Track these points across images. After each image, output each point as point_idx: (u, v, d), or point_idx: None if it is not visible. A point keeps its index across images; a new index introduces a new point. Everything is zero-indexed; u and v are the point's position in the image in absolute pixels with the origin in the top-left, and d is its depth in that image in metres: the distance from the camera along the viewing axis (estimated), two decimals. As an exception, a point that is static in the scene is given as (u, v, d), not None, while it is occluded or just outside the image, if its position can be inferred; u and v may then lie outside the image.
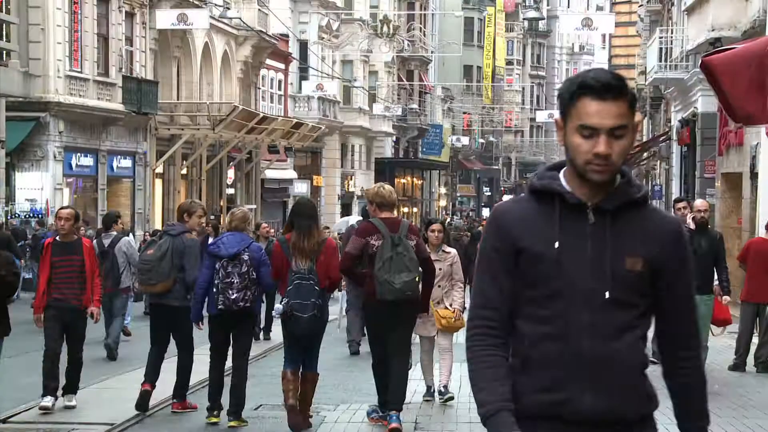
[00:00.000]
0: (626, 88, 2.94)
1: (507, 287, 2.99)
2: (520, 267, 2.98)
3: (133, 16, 33.51)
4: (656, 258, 2.98)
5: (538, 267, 2.95)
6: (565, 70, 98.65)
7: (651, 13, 43.36)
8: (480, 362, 2.98)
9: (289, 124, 40.72)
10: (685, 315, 3.06)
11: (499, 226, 3.03)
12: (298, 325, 8.97)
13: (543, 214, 2.99)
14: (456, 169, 76.82)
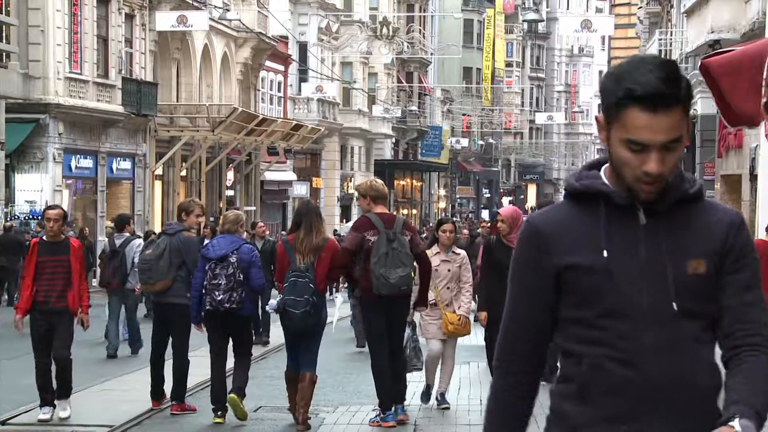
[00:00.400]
0: (681, 92, 2.52)
1: (547, 314, 2.62)
2: (566, 286, 2.59)
3: (132, 17, 33.52)
4: (719, 255, 2.60)
5: (587, 283, 2.56)
6: (564, 72, 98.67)
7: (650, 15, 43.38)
8: (503, 402, 2.69)
9: (289, 125, 40.74)
10: (753, 307, 2.60)
11: (536, 241, 2.64)
12: (291, 321, 9.19)
13: (586, 220, 2.61)
14: (455, 170, 76.82)
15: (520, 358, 2.66)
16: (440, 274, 10.40)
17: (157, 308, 10.63)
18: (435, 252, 10.50)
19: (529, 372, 2.67)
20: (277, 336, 14.14)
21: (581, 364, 2.55)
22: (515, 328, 2.66)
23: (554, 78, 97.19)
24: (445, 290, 10.46)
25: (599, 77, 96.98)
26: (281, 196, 46.69)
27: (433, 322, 10.42)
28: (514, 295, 2.68)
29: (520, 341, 2.66)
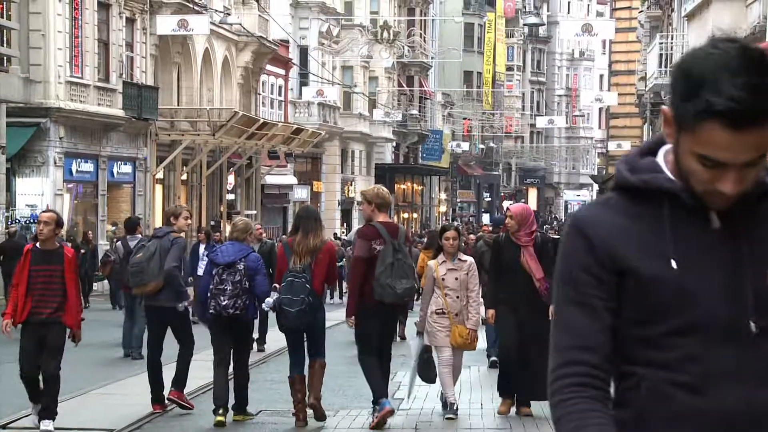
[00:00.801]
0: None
1: (607, 320, 2.19)
2: (625, 296, 2.19)
3: (133, 21, 33.55)
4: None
5: (653, 296, 2.16)
6: (565, 75, 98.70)
7: (651, 19, 43.41)
8: (581, 423, 2.15)
9: (290, 129, 40.74)
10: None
11: (589, 239, 2.20)
12: (286, 319, 9.51)
13: (646, 222, 2.20)
14: (456, 174, 76.82)
15: (586, 368, 2.20)
16: (447, 284, 10.25)
17: (150, 312, 10.74)
18: (441, 261, 10.37)
19: (602, 386, 2.21)
20: (274, 341, 14.15)
21: (639, 388, 2.18)
22: (570, 335, 2.21)
23: (555, 82, 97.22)
24: (454, 300, 10.25)
25: (600, 81, 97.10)
26: (282, 200, 46.69)
27: (443, 329, 10.25)
28: (565, 295, 2.23)
29: (579, 350, 2.20)
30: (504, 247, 10.36)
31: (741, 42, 2.10)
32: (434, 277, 10.31)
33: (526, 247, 10.12)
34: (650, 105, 44.38)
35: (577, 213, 2.30)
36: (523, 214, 10.39)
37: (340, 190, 52.74)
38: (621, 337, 2.21)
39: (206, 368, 10.28)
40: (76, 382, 12.71)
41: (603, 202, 2.27)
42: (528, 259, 10.04)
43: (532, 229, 10.28)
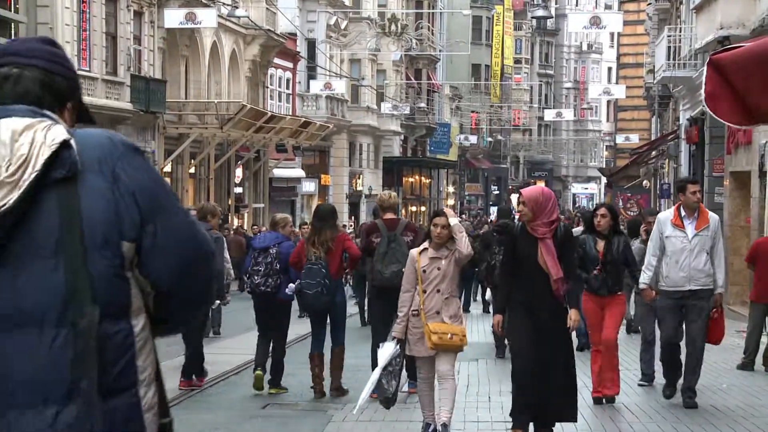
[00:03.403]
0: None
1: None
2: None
3: (141, 15, 33.56)
4: None
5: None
6: (573, 68, 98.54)
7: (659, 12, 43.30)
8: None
9: (297, 122, 40.74)
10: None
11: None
12: (306, 300, 10.95)
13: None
14: (464, 167, 76.77)
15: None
16: (428, 276, 8.69)
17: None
18: (423, 249, 8.83)
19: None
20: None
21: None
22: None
23: (563, 75, 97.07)
24: (435, 294, 8.67)
25: (608, 74, 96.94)
26: (290, 193, 46.70)
27: (421, 337, 8.71)
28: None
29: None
30: (519, 240, 8.47)
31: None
32: (415, 269, 8.76)
33: (542, 240, 8.28)
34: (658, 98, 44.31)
35: None
36: (538, 200, 8.35)
37: (347, 184, 52.73)
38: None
39: (221, 362, 10.33)
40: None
41: None
42: (544, 254, 8.25)
43: (552, 217, 8.36)
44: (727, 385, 11.77)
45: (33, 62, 2.55)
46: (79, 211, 2.29)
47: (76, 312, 2.23)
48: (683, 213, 10.25)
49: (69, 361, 2.19)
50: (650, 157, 47.62)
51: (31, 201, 2.27)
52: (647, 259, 10.41)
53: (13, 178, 2.24)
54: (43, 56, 2.61)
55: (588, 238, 10.69)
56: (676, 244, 10.14)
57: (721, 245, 10.39)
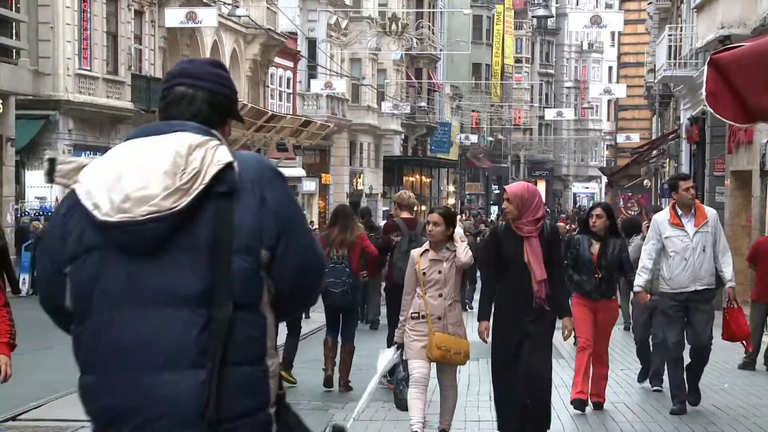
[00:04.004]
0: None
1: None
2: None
3: (142, 14, 33.57)
4: None
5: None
6: (574, 68, 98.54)
7: (660, 11, 43.30)
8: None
9: (298, 122, 40.76)
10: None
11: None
12: (332, 299, 11.12)
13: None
14: (464, 167, 76.79)
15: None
16: (429, 278, 8.30)
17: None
18: (423, 250, 8.47)
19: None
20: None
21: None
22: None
23: (564, 74, 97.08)
24: (437, 299, 8.25)
25: (608, 73, 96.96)
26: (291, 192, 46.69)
27: (419, 339, 8.29)
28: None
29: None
30: (504, 239, 8.10)
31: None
32: (416, 271, 8.38)
33: (528, 239, 7.90)
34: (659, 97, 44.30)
35: None
36: (523, 196, 8.04)
37: (348, 183, 52.74)
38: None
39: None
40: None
41: None
42: (529, 254, 7.87)
43: (538, 215, 7.99)
44: (729, 385, 11.77)
45: (204, 84, 2.99)
46: (231, 222, 2.79)
47: (216, 300, 2.75)
48: (680, 211, 9.84)
49: (204, 337, 2.74)
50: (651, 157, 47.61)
51: (197, 207, 2.76)
52: (642, 262, 9.93)
53: (185, 186, 2.74)
54: (213, 79, 3.02)
55: (582, 239, 10.24)
56: (677, 243, 9.71)
57: (724, 238, 9.99)
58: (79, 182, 2.92)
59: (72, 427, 9.54)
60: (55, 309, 2.99)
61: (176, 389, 2.75)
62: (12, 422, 9.77)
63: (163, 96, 3.03)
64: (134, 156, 2.82)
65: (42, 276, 3.02)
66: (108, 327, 2.82)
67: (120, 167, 2.82)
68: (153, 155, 2.80)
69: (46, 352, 15.32)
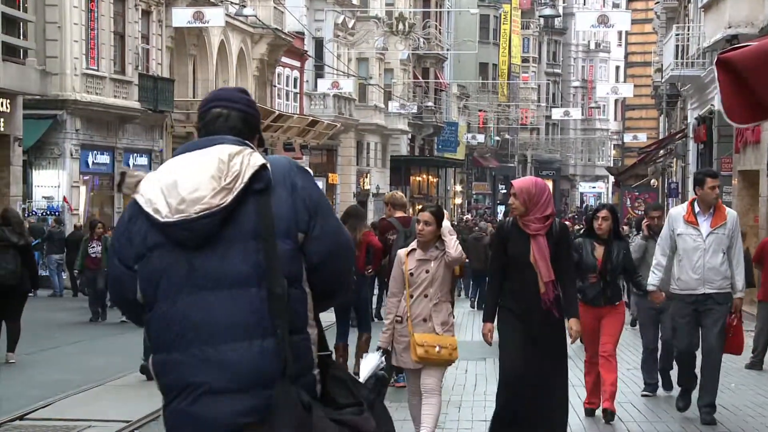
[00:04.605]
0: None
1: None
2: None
3: (149, 14, 33.61)
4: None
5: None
6: (581, 67, 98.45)
7: (667, 10, 43.25)
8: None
9: (305, 121, 40.77)
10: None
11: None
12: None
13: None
14: (471, 166, 76.75)
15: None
16: (416, 280, 7.83)
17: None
18: (410, 250, 7.99)
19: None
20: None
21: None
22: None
23: (570, 73, 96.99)
24: (422, 300, 7.79)
25: (616, 73, 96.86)
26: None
27: (407, 345, 7.83)
28: None
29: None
30: (510, 237, 7.64)
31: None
32: (402, 271, 7.90)
33: (534, 238, 7.47)
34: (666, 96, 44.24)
35: None
36: (530, 191, 7.58)
37: (355, 182, 52.75)
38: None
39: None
40: (92, 374, 12.78)
41: None
42: (536, 253, 7.45)
43: (547, 212, 7.54)
44: (736, 385, 11.75)
45: (236, 106, 3.55)
46: (270, 211, 3.30)
47: (273, 280, 3.25)
48: (698, 209, 9.19)
49: (267, 311, 3.24)
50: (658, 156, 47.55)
51: (239, 203, 3.27)
52: (656, 259, 9.39)
53: (229, 186, 3.26)
54: (242, 102, 3.59)
55: (585, 242, 9.60)
56: (688, 242, 9.13)
57: (740, 245, 9.36)
58: (139, 193, 3.41)
59: (79, 426, 9.55)
60: (128, 302, 3.45)
61: (240, 357, 3.23)
62: (19, 422, 9.78)
63: (201, 117, 3.58)
64: (185, 166, 3.37)
65: (115, 275, 3.45)
66: (173, 310, 3.30)
67: (174, 176, 3.35)
68: (201, 164, 3.34)
69: (53, 352, 15.35)
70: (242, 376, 3.25)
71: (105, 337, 17.22)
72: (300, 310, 3.33)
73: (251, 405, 3.24)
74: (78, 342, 16.76)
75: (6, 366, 13.39)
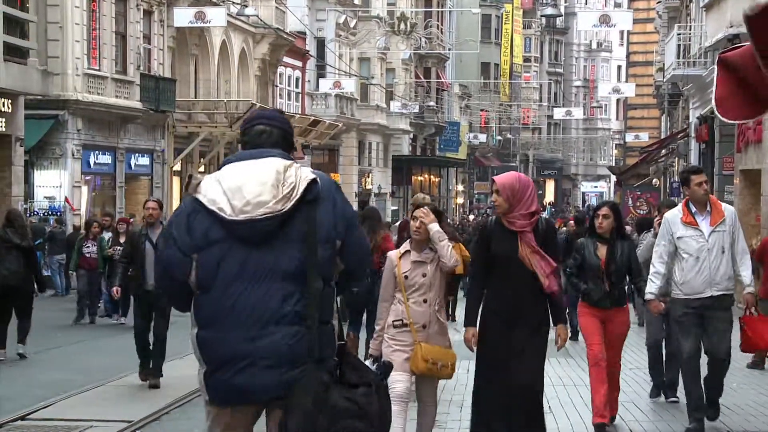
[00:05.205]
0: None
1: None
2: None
3: (151, 14, 33.60)
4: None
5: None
6: (582, 67, 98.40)
7: (669, 10, 43.24)
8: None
9: (307, 121, 40.76)
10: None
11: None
12: (353, 296, 11.34)
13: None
14: (473, 166, 76.73)
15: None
16: (411, 283, 7.35)
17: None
18: (404, 251, 7.47)
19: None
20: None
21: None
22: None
23: (572, 73, 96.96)
24: (421, 305, 7.32)
25: (617, 72, 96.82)
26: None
27: (401, 348, 7.33)
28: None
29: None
30: (494, 235, 7.20)
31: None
32: (395, 275, 7.41)
33: (522, 235, 7.06)
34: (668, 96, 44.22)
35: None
36: (514, 187, 7.11)
37: (357, 182, 52.74)
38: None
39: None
40: (94, 374, 12.78)
41: None
42: (526, 251, 7.03)
43: (532, 208, 7.11)
44: (737, 384, 11.73)
45: (277, 124, 4.30)
46: (315, 220, 4.00)
47: (311, 278, 3.96)
48: (693, 209, 8.77)
49: (299, 303, 3.96)
50: (660, 156, 47.53)
51: (294, 209, 3.97)
52: (654, 267, 8.83)
53: (288, 194, 3.97)
54: (281, 120, 4.35)
55: (587, 242, 9.18)
56: (691, 244, 8.67)
57: (742, 240, 8.91)
58: (200, 193, 4.06)
59: (80, 426, 9.55)
60: (178, 284, 4.09)
61: (276, 339, 3.94)
62: (21, 421, 9.78)
63: (245, 132, 4.29)
64: (246, 174, 4.03)
65: (171, 259, 4.07)
66: (225, 296, 3.97)
67: (238, 182, 4.01)
68: (260, 173, 4.02)
69: (55, 352, 15.36)
70: (279, 355, 3.94)
71: (106, 338, 17.22)
72: (329, 305, 4.06)
73: (283, 380, 3.93)
74: (79, 342, 16.77)
75: (7, 366, 13.40)
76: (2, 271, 13.58)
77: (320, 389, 3.90)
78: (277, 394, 3.93)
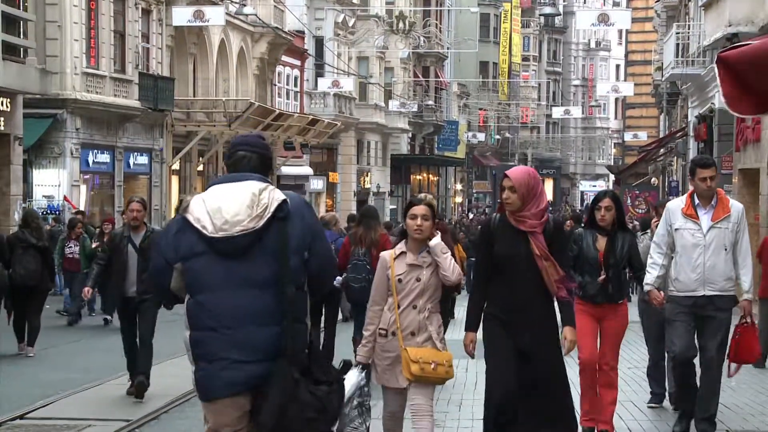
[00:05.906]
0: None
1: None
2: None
3: (149, 13, 33.59)
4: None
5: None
6: (581, 66, 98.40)
7: (668, 9, 43.24)
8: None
9: (305, 120, 40.75)
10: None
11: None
12: (353, 293, 11.95)
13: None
14: (472, 165, 76.73)
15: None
16: (404, 288, 6.78)
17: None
18: (399, 252, 6.88)
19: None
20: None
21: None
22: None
23: (571, 72, 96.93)
24: (411, 311, 6.75)
25: (616, 71, 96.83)
26: (298, 190, 46.42)
27: (389, 358, 6.81)
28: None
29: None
30: (499, 235, 6.79)
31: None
32: (388, 276, 6.83)
33: (533, 235, 6.66)
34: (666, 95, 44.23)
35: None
36: (529, 184, 6.68)
37: (355, 181, 52.73)
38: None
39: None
40: (93, 373, 12.77)
41: None
42: (537, 252, 6.64)
43: (542, 205, 6.73)
44: (736, 383, 11.72)
45: (257, 150, 4.89)
46: (286, 234, 4.65)
47: (284, 286, 4.59)
48: (697, 201, 8.23)
49: (275, 306, 4.59)
50: (659, 155, 47.54)
51: (267, 226, 4.62)
52: (652, 257, 8.39)
53: (260, 213, 4.62)
54: (261, 146, 4.92)
55: (586, 234, 8.61)
56: (686, 238, 8.18)
57: (746, 241, 8.29)
58: (188, 213, 4.71)
59: (79, 425, 9.55)
60: (164, 289, 4.77)
61: (258, 337, 4.56)
62: (19, 420, 9.78)
63: (229, 156, 4.90)
64: (225, 196, 4.68)
65: (158, 268, 4.78)
66: (211, 300, 4.61)
67: (218, 203, 4.66)
68: (238, 195, 4.67)
69: (53, 351, 15.35)
70: (258, 351, 4.56)
71: (105, 337, 17.20)
72: (301, 307, 4.70)
73: (261, 372, 4.54)
74: (78, 341, 16.76)
75: (6, 365, 13.40)
76: (20, 270, 14.08)
77: (291, 383, 4.51)
78: (255, 384, 4.54)
